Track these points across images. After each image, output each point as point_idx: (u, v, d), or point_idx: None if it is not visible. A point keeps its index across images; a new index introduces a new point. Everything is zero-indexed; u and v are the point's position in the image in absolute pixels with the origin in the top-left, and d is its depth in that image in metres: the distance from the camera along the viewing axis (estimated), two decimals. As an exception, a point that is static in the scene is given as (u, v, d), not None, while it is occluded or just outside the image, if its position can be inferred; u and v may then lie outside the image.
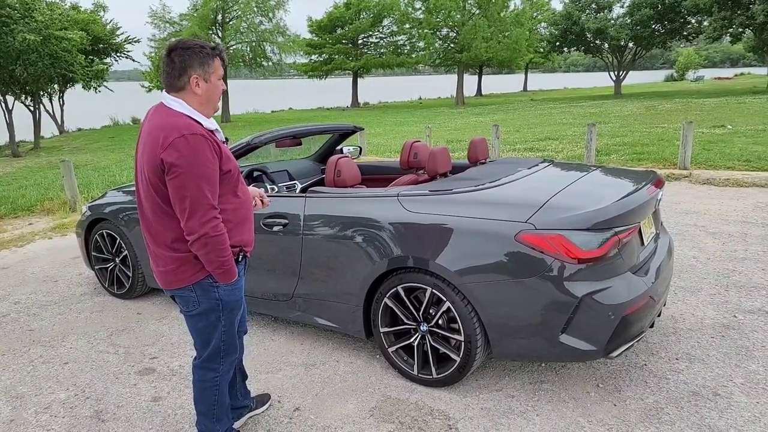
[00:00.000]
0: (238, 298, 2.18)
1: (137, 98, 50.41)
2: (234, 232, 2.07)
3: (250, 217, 2.19)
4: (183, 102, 1.99)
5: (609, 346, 2.49)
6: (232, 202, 2.06)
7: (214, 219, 1.93)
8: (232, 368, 2.32)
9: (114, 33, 27.87)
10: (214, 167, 1.93)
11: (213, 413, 2.31)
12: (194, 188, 1.88)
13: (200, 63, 1.98)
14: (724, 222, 5.53)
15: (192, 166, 1.88)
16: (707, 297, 3.77)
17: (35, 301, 4.36)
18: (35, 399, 2.92)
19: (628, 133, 12.64)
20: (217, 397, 2.28)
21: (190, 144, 1.88)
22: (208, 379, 2.25)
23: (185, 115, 1.96)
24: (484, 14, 33.97)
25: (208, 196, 1.91)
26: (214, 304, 2.10)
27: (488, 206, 2.64)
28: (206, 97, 2.02)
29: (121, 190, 4.45)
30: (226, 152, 2.03)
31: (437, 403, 2.70)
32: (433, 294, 2.70)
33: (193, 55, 1.97)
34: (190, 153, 1.88)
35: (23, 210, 7.65)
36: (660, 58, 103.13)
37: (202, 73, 1.99)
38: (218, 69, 2.04)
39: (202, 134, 1.91)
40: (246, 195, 2.19)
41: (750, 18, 25.88)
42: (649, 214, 2.89)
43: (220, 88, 2.06)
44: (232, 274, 2.05)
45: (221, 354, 2.22)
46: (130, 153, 15.56)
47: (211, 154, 1.92)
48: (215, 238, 1.94)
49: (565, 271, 2.43)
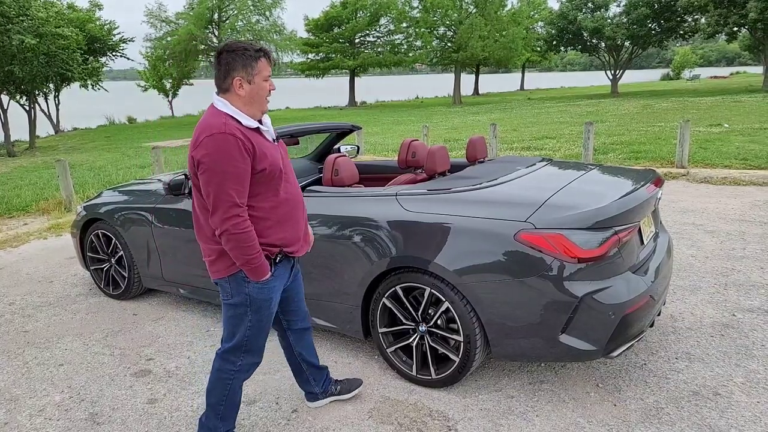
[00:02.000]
0: (269, 297, 2.18)
1: (133, 97, 50.30)
2: (272, 230, 2.11)
3: (295, 216, 2.21)
4: (227, 102, 2.05)
5: (609, 346, 2.47)
6: (270, 200, 2.10)
7: (235, 216, 1.98)
8: (250, 371, 2.32)
9: (110, 33, 27.75)
10: (240, 166, 1.97)
11: (220, 408, 2.32)
12: (217, 185, 1.96)
13: (243, 65, 2.04)
14: (722, 220, 5.53)
15: (216, 164, 1.95)
16: (706, 296, 3.76)
17: (30, 302, 4.32)
18: (29, 401, 2.89)
19: (625, 132, 12.65)
20: (228, 393, 2.30)
21: (217, 143, 1.94)
22: (225, 371, 2.28)
23: (226, 115, 2.02)
24: (481, 13, 33.95)
25: (231, 193, 1.96)
26: (244, 298, 2.15)
27: (487, 205, 2.62)
28: (250, 98, 2.07)
29: (117, 189, 4.41)
30: (263, 151, 2.04)
31: (436, 404, 2.68)
32: (431, 294, 2.68)
33: (237, 58, 2.03)
34: (215, 151, 1.94)
35: (18, 210, 7.60)
36: (656, 57, 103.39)
37: (245, 75, 2.04)
38: (262, 70, 2.08)
39: (231, 134, 1.96)
40: (292, 194, 2.20)
41: (744, 16, 25.95)
42: (649, 213, 2.87)
43: (266, 88, 2.10)
44: (260, 272, 2.09)
45: (243, 349, 2.25)
46: (126, 152, 15.50)
47: (239, 153, 1.96)
48: (237, 235, 1.99)
49: (565, 271, 2.41)
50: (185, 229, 3.62)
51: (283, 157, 2.20)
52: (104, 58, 27.01)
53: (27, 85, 18.06)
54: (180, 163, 11.83)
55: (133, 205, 4.01)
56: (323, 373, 2.70)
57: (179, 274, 3.79)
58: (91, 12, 27.34)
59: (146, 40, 31.01)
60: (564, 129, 14.42)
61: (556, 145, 11.25)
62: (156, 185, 4.05)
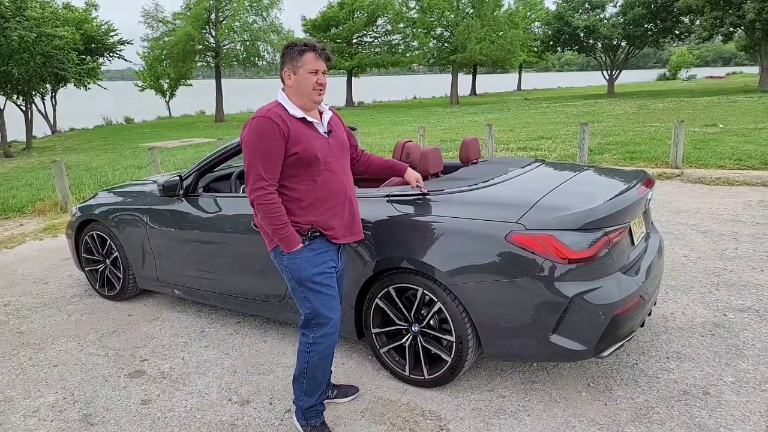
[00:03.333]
0: (305, 270, 2.30)
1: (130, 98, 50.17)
2: (304, 211, 2.30)
3: (332, 204, 2.34)
4: (282, 93, 2.33)
5: (600, 346, 2.49)
6: (305, 184, 2.29)
7: (261, 188, 2.21)
8: (327, 344, 2.39)
9: (108, 33, 27.70)
10: (273, 146, 2.21)
11: (302, 381, 2.42)
12: (249, 160, 2.23)
13: (291, 58, 2.28)
14: (715, 221, 5.56)
15: (251, 142, 2.22)
16: (698, 296, 3.79)
17: (25, 303, 4.33)
18: (24, 402, 2.90)
19: (620, 132, 12.68)
20: (307, 366, 2.39)
21: (257, 124, 2.22)
22: (302, 343, 2.41)
23: (277, 103, 2.30)
24: (478, 14, 33.99)
25: (259, 168, 2.21)
26: (286, 271, 2.35)
27: (479, 206, 2.64)
28: (296, 88, 2.29)
29: (112, 190, 4.42)
30: (299, 137, 2.24)
31: (429, 404, 2.70)
32: (424, 295, 2.70)
33: (287, 52, 2.29)
34: (252, 132, 2.22)
35: (14, 211, 7.60)
36: (653, 58, 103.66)
37: (291, 67, 2.28)
38: (307, 63, 2.26)
39: (269, 118, 2.21)
40: (333, 184, 2.33)
41: (741, 17, 26.03)
42: (640, 214, 2.89)
43: (311, 80, 2.27)
44: (288, 243, 2.26)
45: (312, 322, 2.37)
46: (123, 153, 15.49)
47: (274, 135, 2.20)
48: (262, 205, 2.22)
49: (556, 272, 2.43)
50: (180, 230, 3.63)
51: (333, 149, 2.36)
52: (101, 59, 26.97)
53: (23, 86, 18.02)
54: (176, 163, 11.83)
55: (128, 206, 4.01)
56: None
57: (174, 275, 3.80)
58: (87, 12, 27.28)
59: (143, 40, 30.96)
60: (560, 129, 14.45)
61: (551, 146, 11.27)
62: (151, 186, 4.06)
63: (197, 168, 3.62)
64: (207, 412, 2.74)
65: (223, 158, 3.55)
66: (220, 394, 2.89)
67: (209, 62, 31.51)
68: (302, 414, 2.47)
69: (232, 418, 2.67)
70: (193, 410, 2.75)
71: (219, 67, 30.80)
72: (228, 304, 3.60)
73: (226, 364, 3.20)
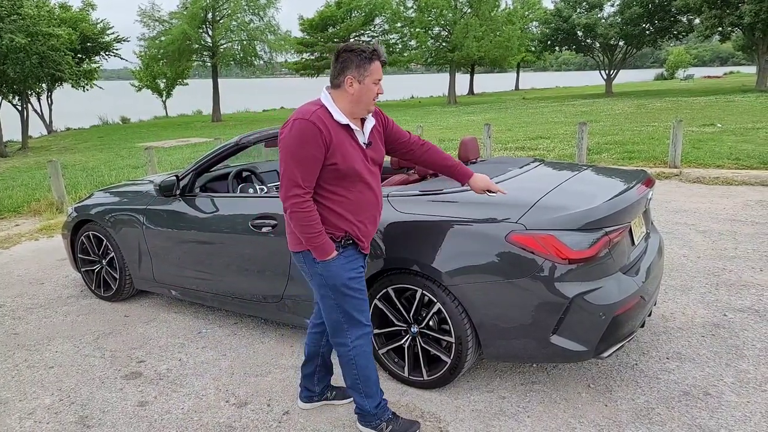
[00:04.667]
0: (340, 276, 2.24)
1: (127, 97, 50.07)
2: (339, 220, 2.22)
3: (362, 217, 2.27)
4: (329, 96, 2.19)
5: (600, 347, 2.47)
6: (341, 194, 2.21)
7: (296, 196, 2.11)
8: (366, 342, 2.36)
9: (103, 32, 27.61)
10: (312, 153, 2.09)
11: (359, 387, 2.39)
12: (286, 165, 2.11)
13: (357, 65, 2.13)
14: (714, 220, 5.55)
15: (291, 146, 2.09)
16: (697, 296, 3.78)
17: (21, 304, 4.29)
18: (19, 404, 2.87)
19: (618, 132, 12.69)
20: (357, 371, 2.36)
21: (299, 127, 2.08)
22: (342, 353, 2.36)
23: (321, 106, 2.16)
24: (476, 13, 33.99)
25: (296, 174, 2.10)
26: (319, 278, 2.26)
27: (479, 206, 2.62)
28: (357, 98, 2.17)
29: (108, 191, 4.39)
30: (340, 148, 2.13)
31: (428, 405, 2.68)
32: (423, 295, 2.68)
33: (353, 57, 2.13)
34: (294, 134, 2.09)
35: (9, 211, 7.55)
36: (650, 57, 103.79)
37: (358, 75, 2.14)
38: (374, 72, 2.15)
39: (313, 122, 2.08)
40: (366, 197, 2.26)
41: (739, 17, 26.08)
42: (640, 214, 2.88)
43: (375, 91, 2.18)
44: (323, 251, 2.19)
45: (345, 328, 2.32)
46: (119, 153, 15.43)
47: (315, 141, 2.08)
48: (297, 213, 2.12)
49: (556, 272, 2.41)
50: (177, 231, 3.61)
51: (370, 162, 2.26)
52: (97, 58, 26.88)
53: (19, 86, 17.95)
54: (173, 163, 11.79)
55: (124, 207, 3.98)
56: (328, 377, 2.71)
57: (171, 275, 3.77)
58: (84, 12, 27.18)
59: (140, 39, 30.87)
60: (558, 129, 14.45)
61: (550, 145, 11.27)
62: (147, 186, 4.04)
63: (194, 168, 3.59)
64: (204, 413, 2.71)
65: (220, 158, 3.53)
66: (218, 396, 2.86)
67: (206, 62, 31.44)
68: (373, 416, 2.42)
69: (229, 420, 2.65)
70: (190, 412, 2.73)
71: (216, 67, 30.75)
72: (225, 304, 3.58)
73: (223, 366, 3.17)
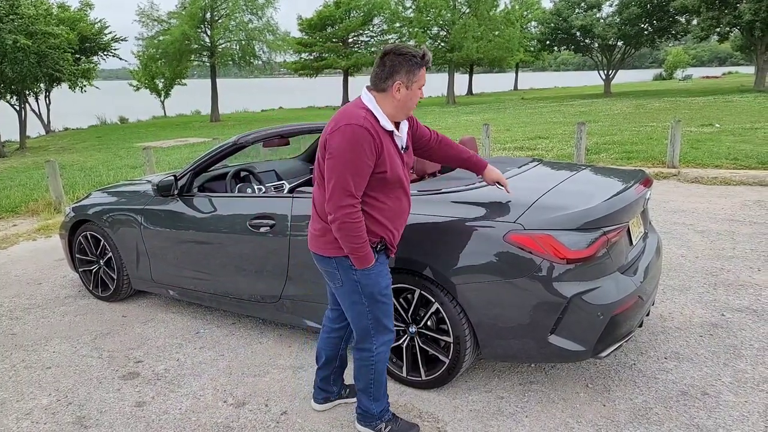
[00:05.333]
0: (378, 284, 2.22)
1: (125, 97, 50.02)
2: (377, 227, 2.19)
3: (396, 223, 2.26)
4: (374, 99, 2.13)
5: (598, 346, 2.47)
6: (382, 201, 2.18)
7: (349, 206, 2.05)
8: (387, 346, 2.36)
9: (101, 32, 27.56)
10: (366, 161, 2.04)
11: (370, 391, 2.39)
12: (339, 173, 2.03)
13: (407, 71, 2.09)
14: (712, 220, 5.56)
15: (344, 153, 2.02)
16: (695, 296, 3.78)
17: (18, 304, 4.28)
18: (17, 405, 2.86)
19: (617, 132, 12.70)
20: (374, 376, 2.36)
21: (353, 133, 2.02)
22: (364, 358, 2.35)
23: (367, 109, 2.10)
24: (474, 13, 33.99)
25: (350, 183, 2.04)
26: (354, 285, 2.22)
27: (477, 206, 2.62)
28: (403, 103, 2.14)
29: (106, 191, 4.38)
30: (388, 155, 2.10)
31: (426, 405, 2.68)
32: (421, 295, 2.68)
33: (403, 62, 2.09)
34: (348, 141, 2.02)
35: (7, 211, 7.53)
36: (649, 57, 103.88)
37: (406, 80, 2.10)
38: (421, 78, 2.13)
39: (367, 128, 2.03)
40: (400, 203, 2.25)
41: (737, 17, 26.12)
42: (638, 214, 2.88)
43: (418, 96, 2.16)
44: (365, 260, 2.15)
45: (371, 334, 2.30)
46: (117, 153, 15.41)
47: (369, 148, 2.04)
48: (348, 224, 2.06)
49: (554, 272, 2.41)
50: (175, 231, 3.60)
51: (406, 167, 2.26)
52: (96, 58, 26.84)
53: (17, 85, 17.92)
54: (171, 163, 11.77)
55: (122, 207, 3.98)
56: (342, 375, 2.71)
57: (169, 275, 3.76)
58: (83, 11, 27.14)
59: (138, 39, 30.83)
60: (557, 129, 14.46)
61: (548, 145, 11.27)
62: (145, 186, 4.03)
63: (192, 168, 3.59)
64: (202, 414, 2.71)
65: (218, 158, 3.53)
66: (216, 396, 2.86)
67: (204, 62, 31.41)
68: (373, 417, 2.43)
69: (227, 420, 2.65)
70: (188, 412, 2.72)
71: (214, 67, 30.71)
72: (223, 305, 3.57)
73: (221, 366, 3.17)
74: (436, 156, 2.57)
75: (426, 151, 2.55)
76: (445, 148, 2.56)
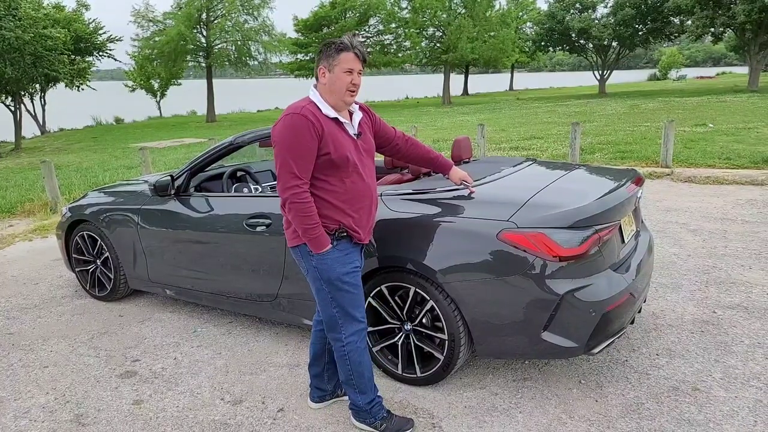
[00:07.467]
0: (334, 270, 2.28)
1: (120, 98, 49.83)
2: (330, 211, 2.26)
3: (357, 208, 2.31)
4: (315, 91, 2.29)
5: (590, 343, 2.51)
6: (335, 185, 2.26)
7: (295, 187, 2.17)
8: (360, 339, 2.39)
9: (96, 32, 27.48)
10: (306, 144, 2.16)
11: (352, 383, 2.43)
12: (282, 158, 2.18)
13: (326, 56, 2.24)
14: (705, 219, 5.61)
15: (285, 139, 2.17)
16: (687, 293, 3.82)
17: (15, 304, 4.29)
18: (14, 404, 2.88)
19: (611, 132, 12.77)
20: (350, 366, 2.40)
21: (291, 121, 2.17)
22: (336, 348, 2.41)
23: (310, 101, 2.25)
24: (470, 14, 34.07)
25: (293, 166, 2.16)
26: (314, 272, 2.31)
27: (471, 205, 2.65)
28: (329, 87, 2.25)
29: (102, 191, 4.40)
30: (331, 138, 2.21)
31: (421, 402, 2.71)
32: (416, 293, 2.71)
33: (324, 49, 2.26)
34: (286, 128, 2.18)
35: (3, 212, 7.52)
36: (643, 58, 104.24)
37: (327, 64, 2.24)
38: (343, 62, 2.21)
39: (304, 115, 2.16)
40: (359, 188, 2.30)
41: (731, 18, 26.28)
42: (630, 212, 2.92)
43: (345, 80, 2.23)
44: (319, 244, 2.23)
45: (339, 323, 2.36)
46: (113, 153, 15.38)
47: (308, 132, 2.16)
48: (297, 204, 2.17)
49: (547, 269, 2.44)
50: (171, 230, 3.62)
51: (362, 153, 2.33)
52: (91, 58, 26.76)
53: (12, 86, 17.86)
54: (168, 164, 11.77)
55: (118, 206, 3.99)
56: (337, 375, 2.71)
57: (165, 275, 3.78)
58: (78, 12, 27.05)
59: (134, 39, 30.75)
60: (552, 129, 14.52)
61: (543, 145, 11.33)
62: (142, 186, 4.05)
63: (189, 167, 3.61)
64: (199, 411, 2.73)
65: (214, 158, 3.55)
66: (213, 394, 2.88)
67: (200, 62, 31.36)
68: (366, 413, 2.46)
69: (224, 418, 2.67)
70: (185, 410, 2.75)
71: (210, 67, 30.66)
72: (220, 304, 3.59)
73: (218, 364, 3.19)
74: (404, 155, 2.68)
75: (393, 149, 2.65)
76: (412, 148, 2.67)
